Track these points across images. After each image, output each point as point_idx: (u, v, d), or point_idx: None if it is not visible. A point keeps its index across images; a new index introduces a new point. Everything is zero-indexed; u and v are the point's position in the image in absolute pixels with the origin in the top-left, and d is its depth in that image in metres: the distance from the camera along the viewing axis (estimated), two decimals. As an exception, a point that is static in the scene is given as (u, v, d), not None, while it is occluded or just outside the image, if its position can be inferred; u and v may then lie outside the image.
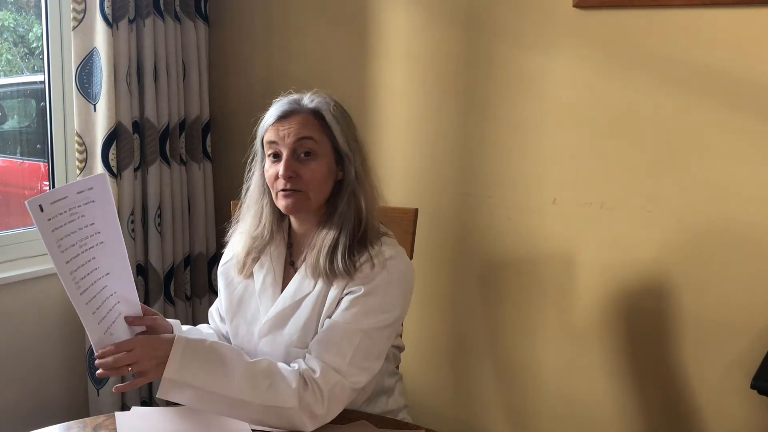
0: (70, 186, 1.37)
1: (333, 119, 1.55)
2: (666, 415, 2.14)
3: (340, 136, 1.55)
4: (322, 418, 1.45)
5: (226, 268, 1.72)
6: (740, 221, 1.97)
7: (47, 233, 1.30)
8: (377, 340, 1.52)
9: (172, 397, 1.42)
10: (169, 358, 1.40)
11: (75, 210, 1.35)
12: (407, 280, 1.58)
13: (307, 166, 1.53)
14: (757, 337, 1.97)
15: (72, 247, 1.34)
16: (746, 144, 1.94)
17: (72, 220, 1.35)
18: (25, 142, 2.75)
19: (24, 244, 2.46)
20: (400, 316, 1.58)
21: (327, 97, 1.59)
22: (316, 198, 1.55)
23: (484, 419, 2.43)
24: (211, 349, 1.46)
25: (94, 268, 1.39)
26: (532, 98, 2.21)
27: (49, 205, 1.30)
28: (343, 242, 1.53)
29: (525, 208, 2.26)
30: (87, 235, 1.37)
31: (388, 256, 1.54)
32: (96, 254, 1.39)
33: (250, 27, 2.71)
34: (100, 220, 1.40)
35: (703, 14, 1.95)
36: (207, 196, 2.73)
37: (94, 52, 2.37)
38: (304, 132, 1.53)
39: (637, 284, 2.13)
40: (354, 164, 1.56)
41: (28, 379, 2.46)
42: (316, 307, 1.55)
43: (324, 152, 1.55)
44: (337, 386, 1.46)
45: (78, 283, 1.36)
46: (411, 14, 2.38)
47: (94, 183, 1.39)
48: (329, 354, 1.48)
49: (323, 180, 1.55)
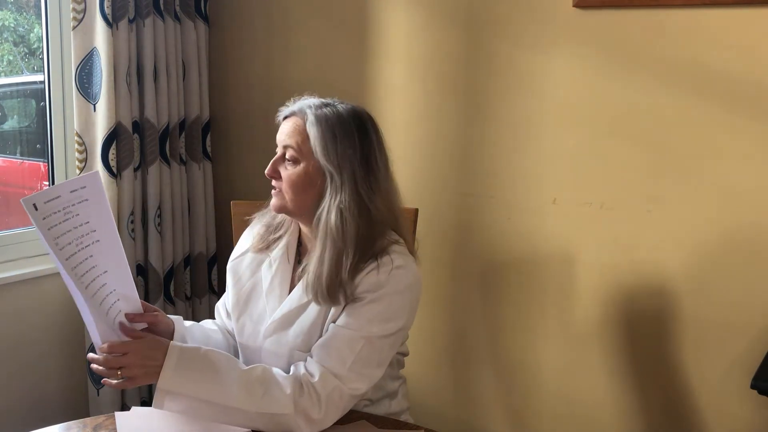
0: (63, 185, 1.36)
1: (317, 131, 1.52)
2: (666, 415, 2.14)
3: (320, 149, 1.52)
4: (319, 422, 1.45)
5: (236, 264, 1.71)
6: (740, 221, 1.97)
7: (44, 231, 1.30)
8: (379, 348, 1.51)
9: (167, 407, 1.42)
10: (163, 368, 1.40)
11: (69, 209, 1.35)
12: (414, 290, 1.57)
13: (286, 170, 1.56)
14: (757, 337, 1.97)
15: (68, 246, 1.34)
16: (746, 144, 1.94)
17: (66, 219, 1.35)
18: (25, 142, 2.75)
19: (24, 244, 2.46)
20: (404, 326, 1.56)
21: (340, 107, 1.56)
22: (294, 202, 1.56)
23: (485, 419, 2.43)
24: (204, 357, 1.45)
25: (92, 266, 1.39)
26: (532, 98, 2.21)
27: (42, 204, 1.30)
28: (329, 265, 1.49)
29: (525, 208, 2.26)
30: (82, 233, 1.38)
31: (396, 266, 1.52)
32: (93, 252, 1.39)
33: (250, 27, 2.71)
34: (95, 219, 1.40)
35: (703, 14, 1.95)
36: (207, 196, 2.73)
37: (94, 52, 2.37)
38: (289, 138, 1.56)
39: (637, 284, 2.13)
40: (336, 180, 1.52)
41: (28, 379, 2.46)
42: (322, 312, 1.55)
43: (307, 160, 1.54)
44: (335, 392, 1.46)
45: (81, 278, 1.36)
46: (411, 14, 2.38)
47: (86, 182, 1.39)
48: (330, 359, 1.48)
49: (300, 186, 1.54)
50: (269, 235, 1.67)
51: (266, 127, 2.69)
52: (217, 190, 2.78)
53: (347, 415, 1.54)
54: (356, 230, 1.51)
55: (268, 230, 1.67)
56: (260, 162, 2.71)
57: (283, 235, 1.66)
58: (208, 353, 1.46)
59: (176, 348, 1.43)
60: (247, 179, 2.78)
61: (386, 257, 1.53)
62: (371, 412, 1.63)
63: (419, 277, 1.59)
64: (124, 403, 2.54)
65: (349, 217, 1.50)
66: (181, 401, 1.42)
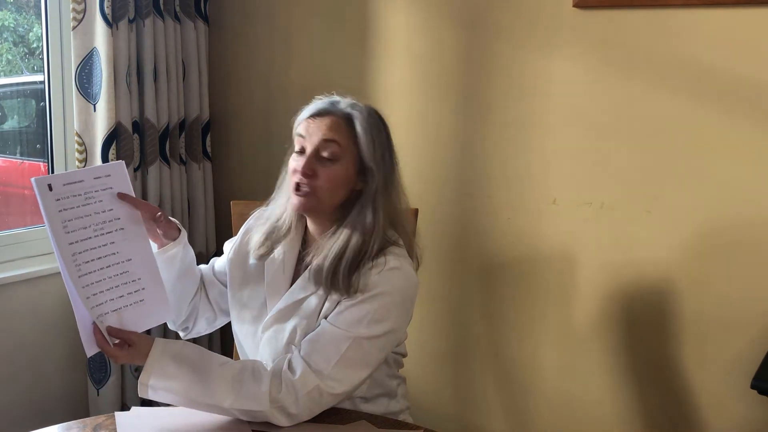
0: (87, 171, 1.43)
1: (363, 130, 1.54)
2: (666, 414, 2.14)
3: (367, 148, 1.54)
4: (297, 417, 1.47)
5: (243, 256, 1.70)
6: (740, 221, 1.97)
7: (53, 212, 1.33)
8: (366, 349, 1.51)
9: (151, 396, 1.47)
10: (144, 366, 1.45)
11: (91, 194, 1.40)
12: (407, 293, 1.56)
13: (326, 168, 1.53)
14: (757, 337, 1.97)
15: (82, 230, 1.38)
16: (746, 143, 1.94)
17: (87, 203, 1.40)
18: (25, 142, 2.75)
19: (24, 244, 2.46)
20: (394, 329, 1.55)
21: (367, 107, 1.58)
22: (328, 201, 1.55)
23: (484, 419, 2.43)
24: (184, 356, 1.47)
25: (110, 252, 1.43)
26: (533, 98, 2.21)
27: (61, 186, 1.36)
28: (349, 256, 1.52)
29: (525, 208, 2.26)
30: (104, 220, 1.42)
31: (391, 267, 1.53)
32: (115, 239, 1.43)
33: (250, 27, 2.71)
34: (119, 207, 1.45)
35: (703, 14, 1.95)
36: (207, 196, 2.73)
37: (94, 52, 2.37)
38: (330, 134, 1.53)
39: (637, 284, 2.13)
40: (377, 179, 1.54)
41: (27, 379, 2.46)
42: (318, 308, 1.56)
43: (347, 159, 1.54)
44: (314, 391, 1.47)
45: (80, 266, 1.38)
46: (411, 14, 2.38)
47: (111, 170, 1.45)
48: (314, 355, 1.49)
49: (339, 185, 1.55)
50: (271, 243, 1.65)
51: (266, 127, 2.71)
52: (217, 190, 2.78)
53: (347, 415, 1.54)
54: (384, 228, 1.55)
55: (269, 239, 1.66)
56: (260, 162, 2.74)
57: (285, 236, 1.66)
58: (186, 352, 1.48)
59: (159, 347, 1.46)
60: (247, 179, 2.78)
61: (382, 258, 1.53)
62: (369, 410, 1.63)
63: (415, 281, 1.58)
64: (124, 403, 2.54)
65: (382, 215, 1.54)
66: (161, 395, 1.46)
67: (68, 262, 1.36)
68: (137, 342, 1.47)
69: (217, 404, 1.45)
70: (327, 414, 1.50)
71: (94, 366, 2.49)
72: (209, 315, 1.76)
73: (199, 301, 1.74)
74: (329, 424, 1.49)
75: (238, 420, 1.48)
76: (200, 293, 1.75)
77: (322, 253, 1.55)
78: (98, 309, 1.43)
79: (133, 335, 1.47)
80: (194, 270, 1.73)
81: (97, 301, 1.43)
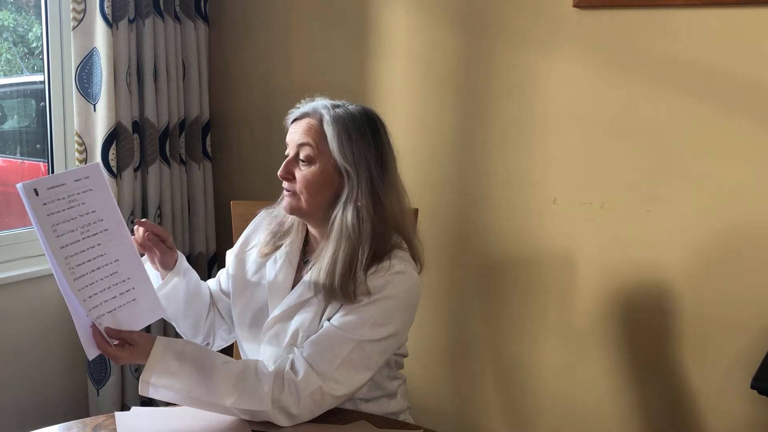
0: (66, 174, 1.41)
1: (334, 131, 1.53)
2: (666, 414, 2.14)
3: (337, 149, 1.53)
4: (298, 417, 1.47)
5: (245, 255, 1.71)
6: (740, 221, 1.97)
7: (42, 217, 1.32)
8: (369, 352, 1.51)
9: (152, 394, 1.47)
10: (147, 364, 1.45)
11: (74, 197, 1.39)
12: (410, 297, 1.56)
13: (302, 170, 1.56)
14: (757, 336, 1.98)
15: (70, 233, 1.38)
16: (746, 144, 1.94)
17: (71, 206, 1.39)
18: (25, 142, 2.75)
19: (24, 244, 2.46)
20: (397, 332, 1.55)
21: (357, 108, 1.57)
22: (311, 202, 1.56)
23: (484, 419, 2.43)
24: (186, 354, 1.48)
25: (99, 254, 1.43)
26: (532, 98, 2.21)
27: (45, 190, 1.35)
28: (340, 269, 1.51)
29: (525, 208, 2.26)
30: (89, 222, 1.41)
31: (395, 271, 1.53)
32: (101, 241, 1.43)
33: (250, 27, 2.71)
34: (101, 209, 1.44)
35: (703, 14, 1.95)
36: (207, 196, 2.73)
37: (94, 52, 2.37)
38: (304, 138, 1.55)
39: (637, 284, 2.13)
40: (355, 180, 1.53)
41: (27, 379, 2.46)
42: (320, 310, 1.56)
43: (322, 161, 1.54)
44: (316, 392, 1.47)
45: (73, 270, 1.38)
46: (411, 14, 2.38)
47: (89, 172, 1.44)
48: (317, 357, 1.49)
49: (317, 187, 1.55)
50: (275, 242, 1.67)
51: (266, 127, 2.71)
52: (217, 190, 2.78)
53: (347, 415, 1.54)
54: (372, 228, 1.53)
55: (274, 237, 1.67)
56: (260, 162, 2.74)
57: (288, 236, 1.67)
58: (187, 351, 1.48)
59: (161, 345, 1.46)
60: (247, 179, 2.78)
61: (386, 261, 1.53)
62: (369, 410, 1.64)
63: (418, 284, 1.59)
64: (124, 403, 2.54)
65: (365, 216, 1.53)
66: (161, 393, 1.46)
67: (63, 266, 1.36)
68: (138, 341, 1.47)
69: (219, 403, 1.45)
70: (327, 414, 1.51)
71: (95, 366, 2.49)
72: (225, 327, 1.77)
73: (214, 317, 1.76)
74: (329, 424, 1.49)
75: (238, 420, 1.48)
76: (213, 310, 1.76)
77: (317, 264, 1.55)
78: (95, 311, 1.43)
79: (134, 334, 1.47)
80: (201, 291, 1.74)
81: (94, 303, 1.43)
